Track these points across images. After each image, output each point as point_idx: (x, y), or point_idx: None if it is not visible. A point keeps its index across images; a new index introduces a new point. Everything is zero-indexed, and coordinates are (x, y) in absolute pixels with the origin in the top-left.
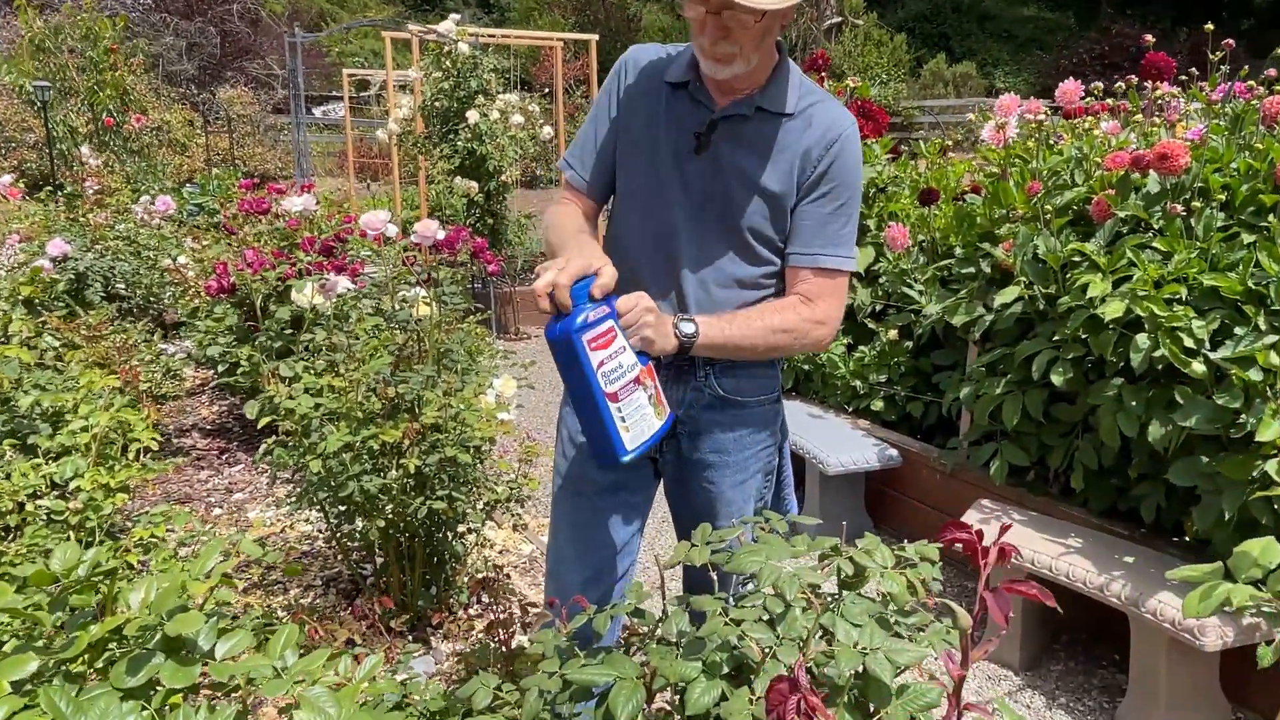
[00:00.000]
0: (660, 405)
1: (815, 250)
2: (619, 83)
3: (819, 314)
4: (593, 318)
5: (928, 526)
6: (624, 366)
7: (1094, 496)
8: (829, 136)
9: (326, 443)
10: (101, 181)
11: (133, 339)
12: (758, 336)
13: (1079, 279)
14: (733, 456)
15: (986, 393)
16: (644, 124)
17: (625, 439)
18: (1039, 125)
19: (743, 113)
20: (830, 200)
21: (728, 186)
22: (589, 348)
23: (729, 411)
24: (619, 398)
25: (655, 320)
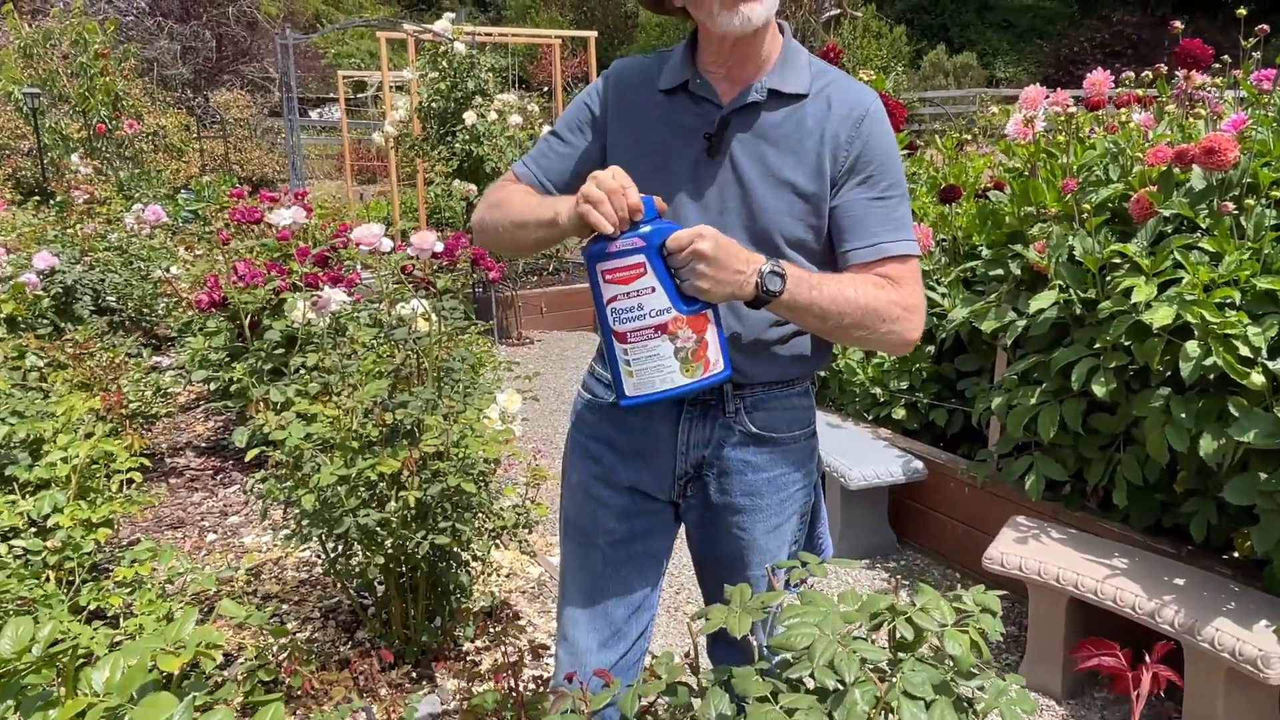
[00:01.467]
0: (695, 361)
1: (876, 239)
2: (601, 99)
3: (908, 299)
4: (619, 247)
5: (956, 541)
6: (644, 309)
7: (1137, 512)
8: (855, 114)
9: (319, 476)
10: (91, 190)
11: (119, 357)
12: (846, 308)
13: (1120, 282)
14: (766, 499)
15: (1020, 403)
16: (641, 139)
17: (626, 384)
18: (1069, 118)
19: (754, 100)
20: (874, 183)
21: (749, 188)
22: (603, 279)
23: (762, 450)
24: (628, 339)
25: (714, 268)
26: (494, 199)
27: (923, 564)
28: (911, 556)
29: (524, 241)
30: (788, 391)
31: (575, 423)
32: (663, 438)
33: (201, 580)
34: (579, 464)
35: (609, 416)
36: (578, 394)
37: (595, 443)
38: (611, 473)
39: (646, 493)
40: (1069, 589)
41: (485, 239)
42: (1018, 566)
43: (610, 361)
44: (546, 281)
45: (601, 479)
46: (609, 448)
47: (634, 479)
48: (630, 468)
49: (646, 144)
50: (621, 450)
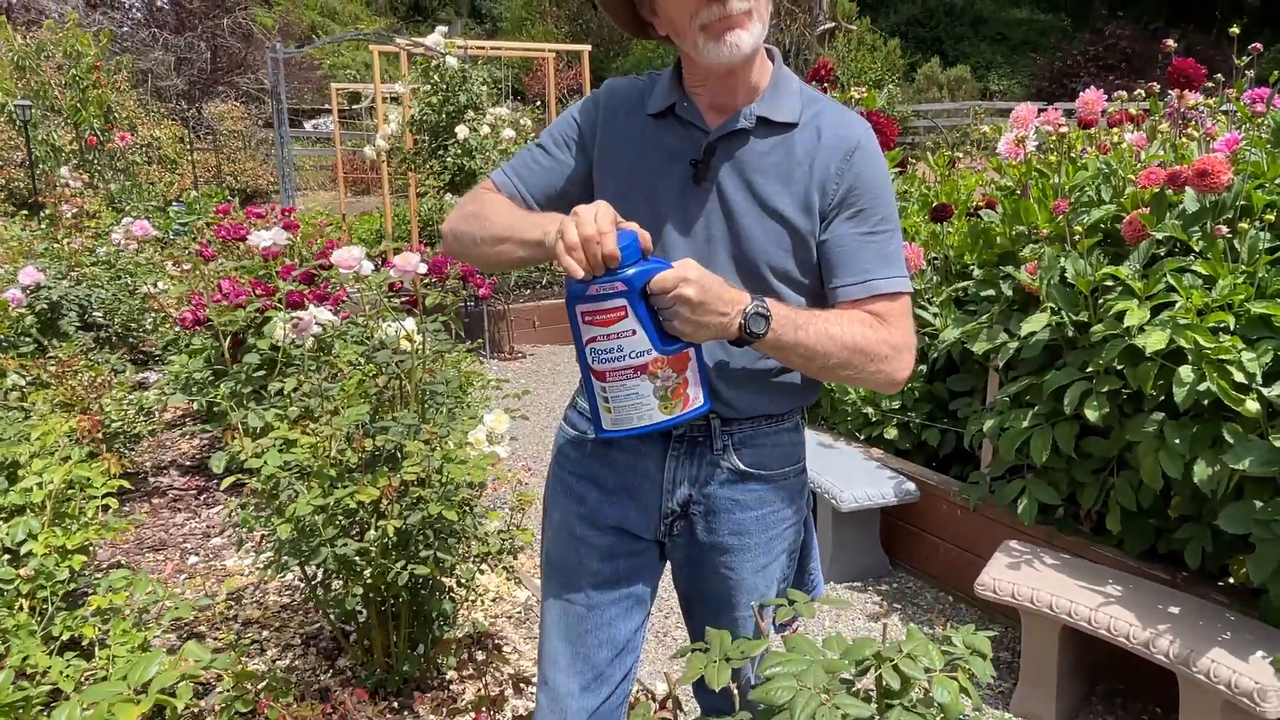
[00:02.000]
0: (675, 399)
1: (866, 276)
2: (591, 118)
3: (897, 338)
4: (599, 291)
5: (948, 564)
6: (624, 351)
7: (1131, 538)
8: (845, 146)
9: (295, 505)
10: (81, 203)
11: (103, 375)
12: (833, 348)
13: (1113, 305)
14: (755, 538)
15: (1013, 426)
16: (628, 163)
17: (604, 418)
18: (1060, 138)
19: (742, 126)
20: (864, 218)
21: (736, 217)
22: (582, 320)
23: (750, 488)
24: (606, 379)
25: (697, 312)
26: (471, 209)
27: (915, 587)
28: (903, 579)
29: (503, 258)
30: (777, 427)
31: (557, 458)
32: (649, 475)
33: (179, 608)
34: (561, 502)
35: (593, 453)
36: (560, 428)
37: (579, 480)
38: (595, 511)
39: (632, 532)
40: (1062, 617)
41: (458, 249)
42: (1010, 594)
43: (588, 395)
44: (539, 295)
45: (585, 518)
46: (593, 485)
47: (619, 518)
48: (615, 506)
49: (633, 168)
50: (606, 488)
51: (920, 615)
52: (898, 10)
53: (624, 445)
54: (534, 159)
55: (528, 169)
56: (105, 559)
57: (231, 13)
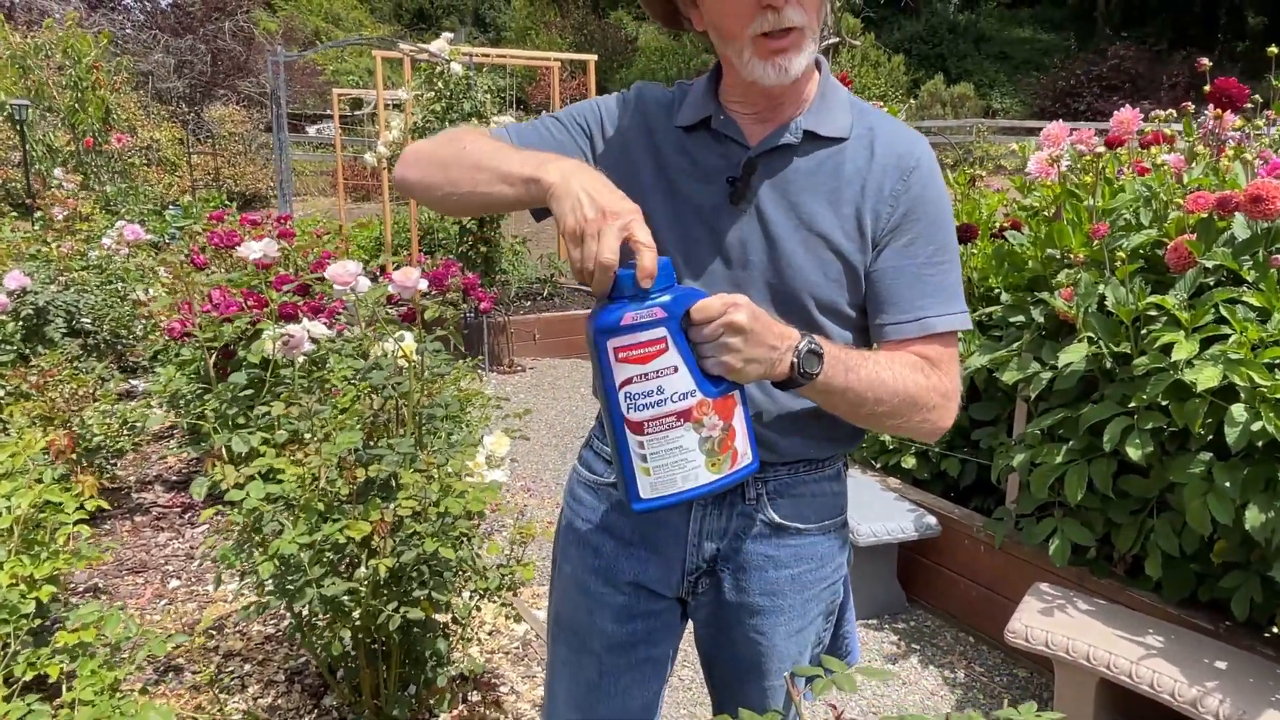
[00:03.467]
0: (722, 453)
1: (921, 312)
2: (617, 116)
3: (947, 384)
4: (635, 319)
5: (970, 603)
6: (665, 393)
7: (1171, 583)
8: (904, 164)
9: (278, 543)
10: (73, 204)
11: (86, 385)
12: (884, 394)
13: (1158, 337)
14: (789, 600)
15: (1045, 461)
16: (651, 181)
17: (640, 484)
18: (1096, 158)
19: (788, 141)
20: (922, 244)
21: (777, 242)
22: (614, 358)
23: (786, 543)
24: (645, 430)
25: (748, 343)
26: (452, 135)
27: (934, 625)
28: (921, 617)
29: (476, 191)
30: (817, 474)
31: (570, 504)
32: (672, 527)
33: (152, 645)
34: (573, 554)
35: (610, 499)
36: (573, 469)
37: (593, 529)
38: (612, 566)
39: (651, 589)
40: (1100, 669)
41: (415, 176)
42: (1044, 642)
43: (621, 457)
44: (540, 307)
45: (600, 573)
46: (609, 536)
47: (637, 573)
48: (634, 560)
49: (657, 185)
50: (624, 539)
51: (940, 657)
52: (901, 27)
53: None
54: (545, 128)
55: (536, 135)
56: (82, 582)
57: (233, 16)
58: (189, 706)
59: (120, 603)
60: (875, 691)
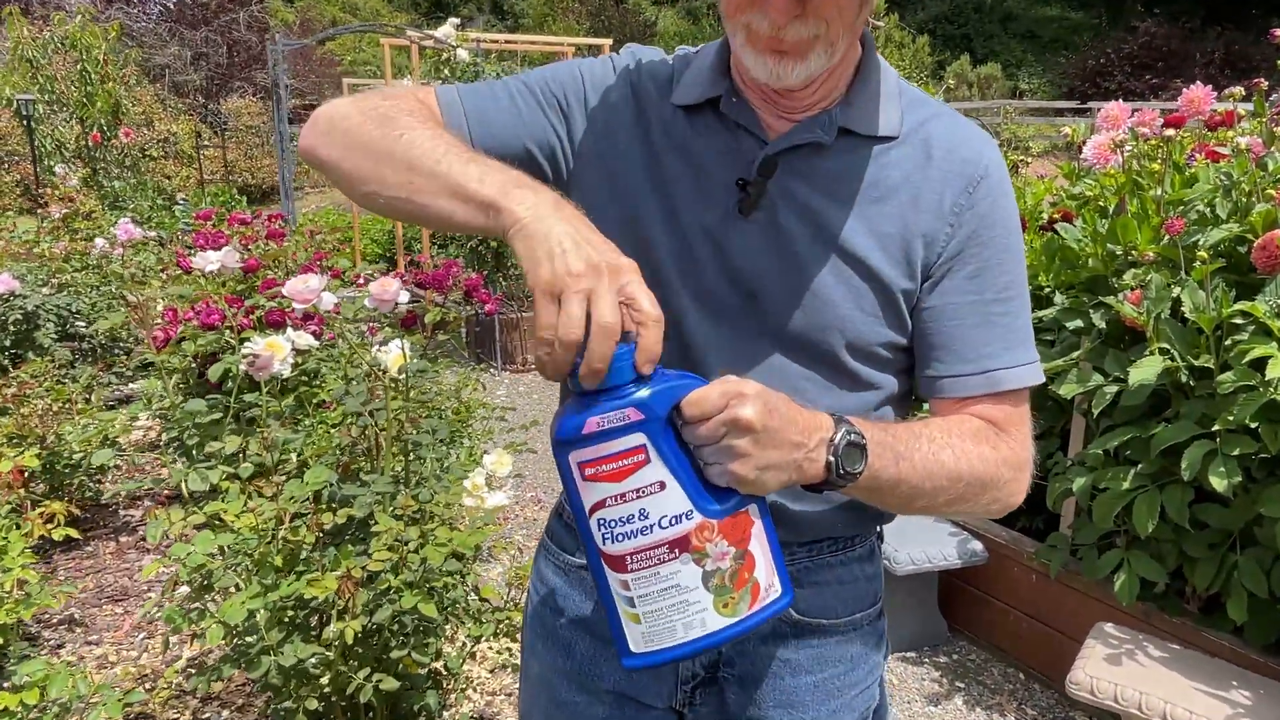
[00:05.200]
0: (737, 589)
1: (988, 362)
2: (607, 83)
3: (1019, 454)
4: (602, 424)
5: (1019, 636)
6: (650, 517)
7: (1256, 627)
8: (967, 173)
9: (225, 608)
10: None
11: (64, 400)
12: (944, 481)
13: (1246, 349)
14: (810, 712)
15: (1111, 487)
16: (638, 174)
17: (630, 635)
18: (1164, 141)
19: (817, 139)
20: (991, 276)
21: (800, 265)
22: (580, 475)
23: (807, 644)
24: (627, 566)
25: (761, 445)
26: (385, 108)
27: (979, 660)
28: (965, 649)
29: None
30: (846, 554)
31: (535, 585)
32: None
33: (108, 705)
34: (541, 651)
35: (586, 585)
36: (541, 543)
37: (565, 625)
38: (587, 669)
39: (637, 699)
40: None
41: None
42: (1113, 696)
43: (602, 599)
44: None
45: (574, 678)
46: (584, 633)
47: (619, 682)
48: (615, 664)
49: (645, 180)
50: (603, 637)
51: (988, 697)
52: (926, 7)
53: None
54: (510, 97)
55: (494, 104)
56: (58, 613)
57: (247, 6)
58: None
59: (96, 636)
60: None
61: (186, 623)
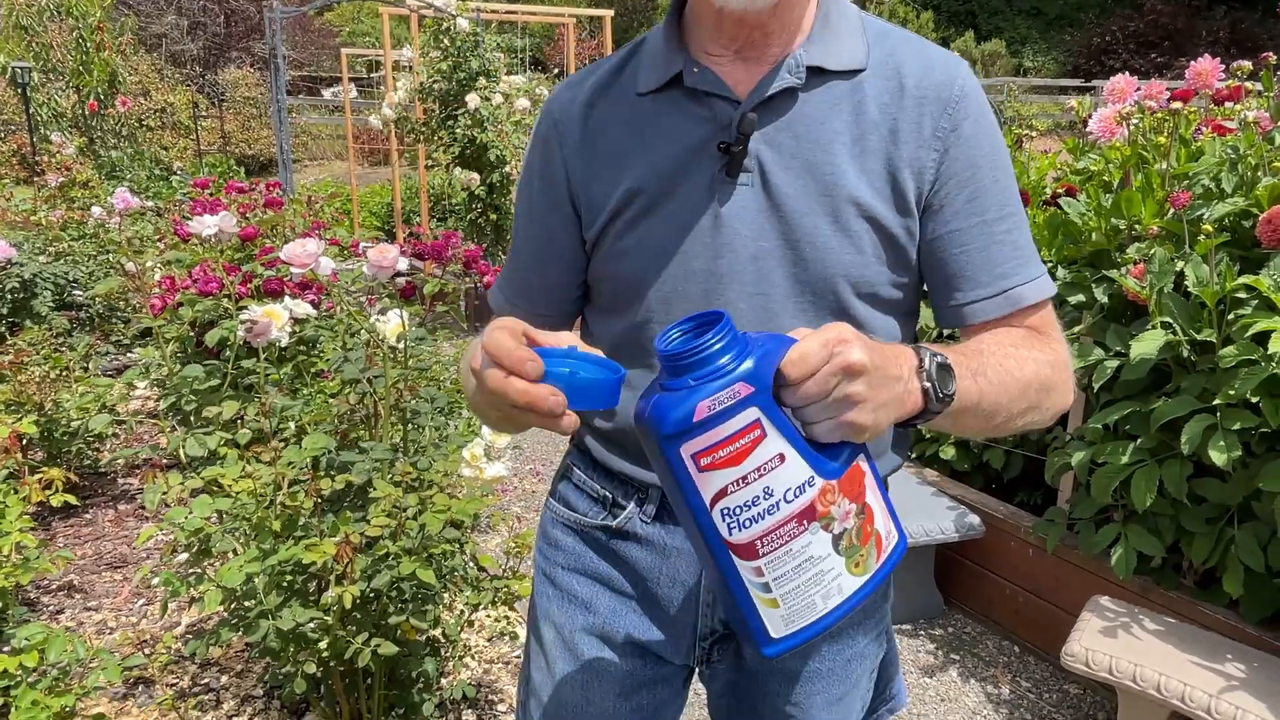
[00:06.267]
0: (864, 545)
1: (1005, 281)
2: (555, 151)
3: (1061, 355)
4: (714, 406)
5: (1015, 611)
6: (774, 494)
7: (1252, 601)
8: (943, 95)
9: (223, 572)
10: (70, 166)
11: (62, 367)
12: (1016, 391)
13: (1249, 323)
14: (828, 662)
15: (1110, 461)
16: (627, 176)
17: (768, 621)
18: (1171, 114)
19: (788, 84)
20: (987, 196)
21: (793, 218)
22: (695, 468)
23: None
24: (759, 552)
25: (873, 386)
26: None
27: (974, 633)
28: (960, 623)
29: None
30: None
31: (545, 551)
32: (681, 581)
33: (108, 670)
34: (557, 613)
35: (599, 544)
36: (546, 506)
37: (582, 581)
38: (608, 623)
39: (656, 653)
40: (1173, 701)
41: None
42: (1108, 668)
43: (731, 593)
44: None
45: (595, 632)
46: (604, 588)
47: (640, 634)
48: (635, 617)
49: (630, 178)
50: (622, 592)
51: (983, 669)
52: None
53: (645, 539)
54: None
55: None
56: (56, 580)
57: None
58: None
59: (95, 602)
60: (911, 711)
61: (184, 587)
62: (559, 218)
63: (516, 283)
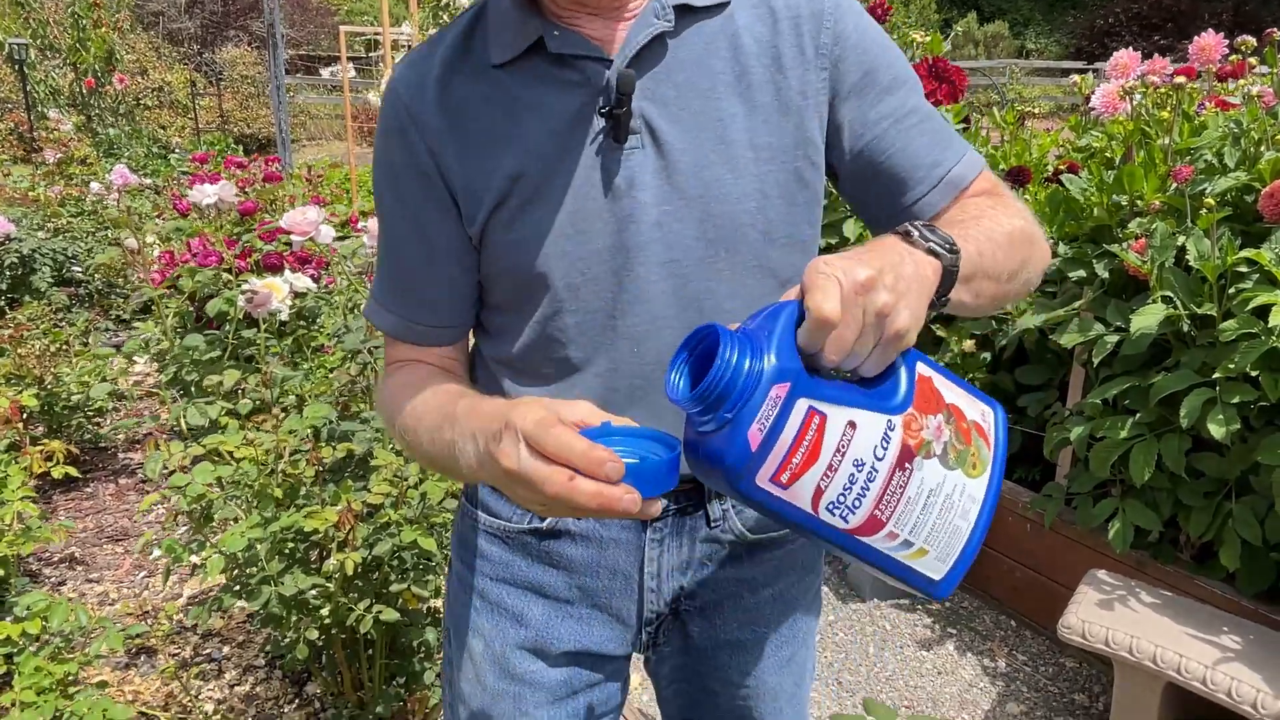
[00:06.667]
0: (967, 442)
1: (940, 167)
2: (416, 141)
3: (1023, 207)
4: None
5: (1012, 585)
6: (865, 462)
7: (1248, 575)
8: (816, 8)
9: (224, 538)
10: (66, 148)
11: (62, 340)
12: (1003, 244)
13: (1250, 297)
14: (772, 626)
15: (1109, 436)
16: (505, 162)
17: (926, 570)
18: (1175, 89)
19: (658, 30)
20: (893, 95)
21: (693, 173)
22: (780, 489)
23: (761, 559)
24: (882, 520)
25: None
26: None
27: (970, 608)
28: (958, 598)
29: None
30: None
31: (465, 559)
32: (620, 572)
33: (110, 638)
34: (487, 627)
35: (531, 549)
36: (461, 511)
37: (514, 591)
38: (544, 635)
39: (597, 653)
40: (1169, 673)
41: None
42: (1104, 640)
43: (884, 566)
44: None
45: (530, 648)
46: (536, 596)
47: (579, 639)
48: (573, 623)
49: (509, 162)
50: (557, 598)
51: (979, 643)
52: None
53: (579, 534)
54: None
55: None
56: (58, 551)
57: None
58: (160, 695)
59: (96, 574)
60: (908, 683)
61: (186, 554)
62: (440, 213)
63: (404, 295)
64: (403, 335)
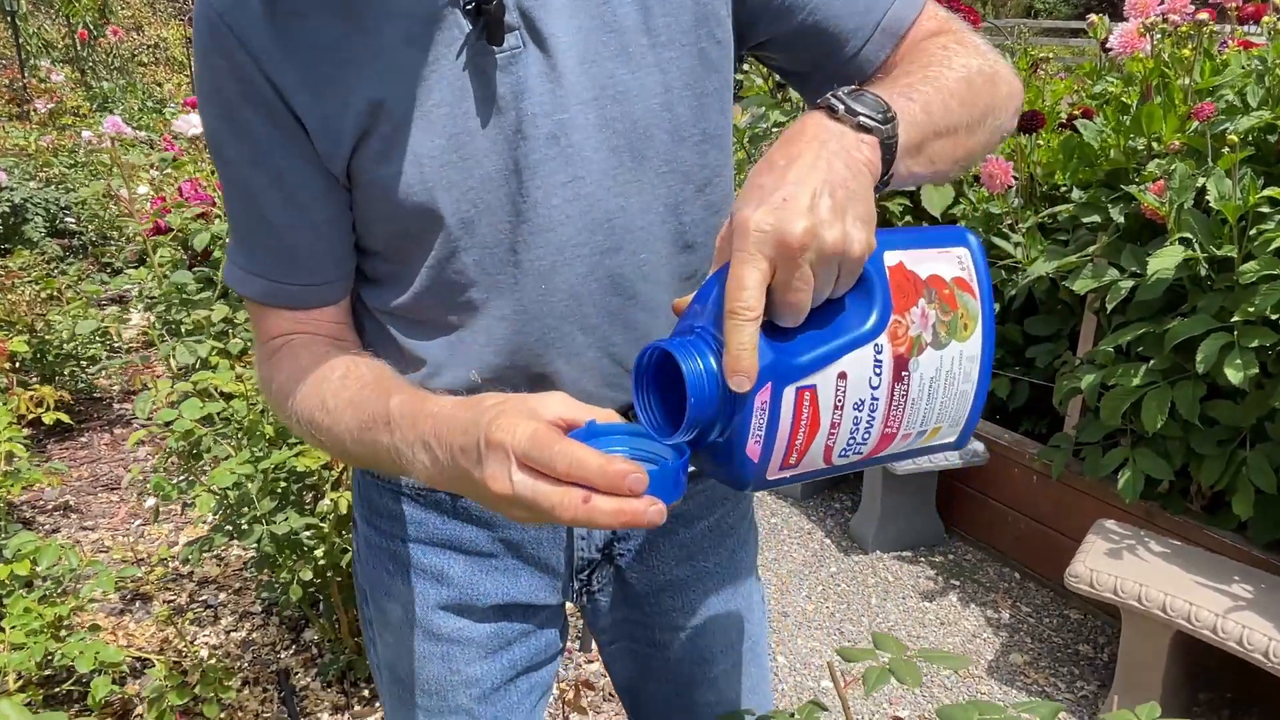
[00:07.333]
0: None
1: (873, 16)
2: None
3: (978, 40)
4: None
5: (1017, 537)
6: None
7: (1261, 524)
8: None
9: (214, 474)
10: (57, 99)
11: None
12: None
13: (1271, 238)
14: (712, 557)
15: (1121, 384)
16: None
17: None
18: (1197, 26)
19: None
20: None
21: (583, 71)
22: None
23: (694, 492)
24: (897, 431)
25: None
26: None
27: (974, 559)
28: (961, 549)
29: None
30: None
31: (374, 523)
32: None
33: (102, 580)
34: (401, 591)
35: (446, 505)
36: (360, 476)
37: (431, 550)
38: (468, 592)
39: (527, 603)
40: (1179, 621)
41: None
42: (1113, 589)
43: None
44: None
45: (453, 607)
46: (457, 553)
47: (506, 591)
48: (498, 576)
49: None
50: (479, 552)
51: (982, 595)
52: None
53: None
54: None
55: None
56: (52, 499)
57: None
58: (154, 641)
59: (91, 522)
60: (910, 634)
61: (175, 491)
62: (295, 147)
63: (269, 254)
64: (276, 300)
